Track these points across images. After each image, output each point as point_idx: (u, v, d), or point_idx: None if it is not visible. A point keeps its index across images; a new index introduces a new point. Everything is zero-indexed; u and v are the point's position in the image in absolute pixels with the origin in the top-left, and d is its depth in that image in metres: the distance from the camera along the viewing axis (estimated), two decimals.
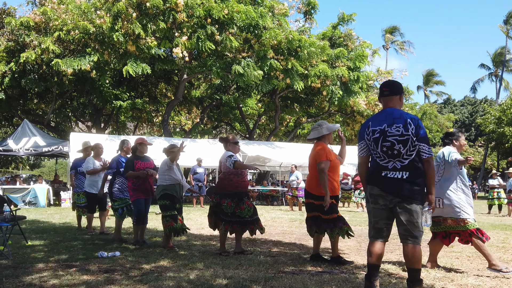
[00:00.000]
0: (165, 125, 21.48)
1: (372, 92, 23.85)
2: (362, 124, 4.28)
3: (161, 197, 6.77)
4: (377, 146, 4.04)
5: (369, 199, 4.17)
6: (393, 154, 3.97)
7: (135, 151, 7.32)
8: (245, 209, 6.11)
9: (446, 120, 33.90)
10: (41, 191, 16.54)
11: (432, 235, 5.65)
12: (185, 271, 5.08)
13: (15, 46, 18.46)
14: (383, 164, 4.03)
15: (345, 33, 21.97)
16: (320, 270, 5.22)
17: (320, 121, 6.04)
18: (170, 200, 6.73)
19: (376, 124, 4.10)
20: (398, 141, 3.94)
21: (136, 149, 7.30)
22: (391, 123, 4.00)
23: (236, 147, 6.42)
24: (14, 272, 5.01)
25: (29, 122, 18.92)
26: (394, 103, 4.15)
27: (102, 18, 16.25)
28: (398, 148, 3.94)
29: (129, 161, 7.21)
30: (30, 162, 42.11)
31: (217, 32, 16.28)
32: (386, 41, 53.95)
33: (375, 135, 4.07)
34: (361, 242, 7.71)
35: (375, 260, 4.05)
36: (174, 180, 6.79)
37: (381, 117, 4.11)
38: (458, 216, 5.24)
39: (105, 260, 5.72)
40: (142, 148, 7.30)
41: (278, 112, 24.14)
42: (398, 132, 3.95)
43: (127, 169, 7.14)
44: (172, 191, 6.75)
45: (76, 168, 9.28)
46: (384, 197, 4.01)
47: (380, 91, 4.23)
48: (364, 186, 4.28)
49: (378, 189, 4.04)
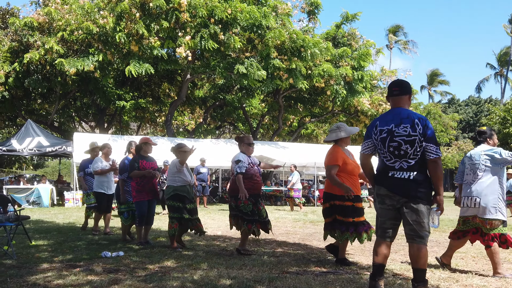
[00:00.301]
0: (168, 125, 21.48)
1: (376, 92, 23.78)
2: (370, 123, 4.27)
3: (171, 197, 6.72)
4: (384, 146, 4.03)
5: (376, 198, 4.16)
6: (400, 154, 3.96)
7: (139, 151, 7.25)
8: (262, 210, 6.17)
9: (451, 120, 33.76)
10: (44, 191, 16.57)
11: (459, 234, 5.51)
12: (189, 271, 5.07)
13: (19, 46, 18.52)
14: (390, 164, 4.02)
15: (348, 32, 21.91)
16: (325, 271, 5.20)
17: (339, 123, 5.96)
18: (181, 202, 6.66)
19: (383, 124, 4.08)
20: (405, 141, 3.93)
21: (141, 149, 7.22)
22: (399, 123, 3.99)
23: (249, 148, 6.36)
24: (18, 272, 5.02)
25: (33, 122, 18.96)
26: (403, 103, 4.13)
27: (105, 18, 16.27)
28: (405, 148, 3.93)
29: (134, 160, 7.13)
30: (34, 162, 42.22)
31: (220, 32, 16.28)
32: (390, 41, 53.77)
33: (382, 135, 4.05)
34: (365, 243, 7.65)
35: (380, 260, 4.04)
36: (184, 182, 6.73)
37: (388, 117, 4.10)
38: (493, 217, 5.11)
39: (109, 260, 5.71)
40: (147, 147, 7.22)
41: (282, 112, 24.10)
42: (405, 132, 3.93)
43: (132, 168, 7.06)
44: (183, 192, 6.69)
45: (84, 169, 9.13)
46: (391, 197, 4.00)
47: (389, 91, 4.21)
48: (372, 184, 4.29)
49: (385, 189, 4.04)
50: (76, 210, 14.18)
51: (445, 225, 10.57)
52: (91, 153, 9.09)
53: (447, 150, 40.25)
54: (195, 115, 28.42)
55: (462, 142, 44.90)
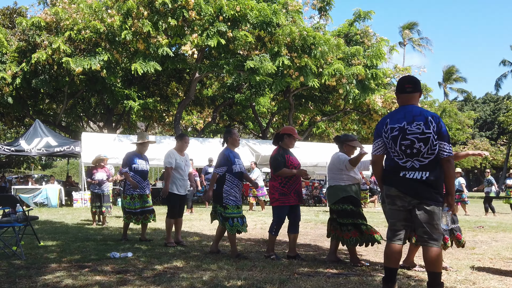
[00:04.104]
0: (177, 124, 21.45)
1: (389, 90, 23.54)
2: (379, 121, 4.15)
3: (341, 200, 5.63)
4: (396, 144, 3.92)
5: (385, 200, 4.05)
6: (412, 153, 3.85)
7: (278, 140, 6.12)
8: None
9: (467, 118, 33.25)
10: (52, 191, 16.59)
11: None
12: (198, 272, 5.00)
13: (26, 46, 18.52)
14: (401, 163, 3.91)
15: (361, 29, 21.68)
16: (336, 272, 5.10)
17: None
18: (353, 205, 5.59)
19: (394, 121, 3.97)
20: (419, 139, 3.82)
21: (282, 141, 6.08)
22: (411, 120, 3.88)
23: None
24: (28, 272, 4.97)
25: (41, 123, 19.00)
26: (414, 100, 4.02)
27: (113, 17, 16.26)
28: (418, 146, 3.82)
29: (280, 155, 5.91)
30: (42, 162, 42.40)
31: (228, 29, 16.19)
32: (404, 37, 53.06)
33: (393, 133, 3.94)
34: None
35: (393, 263, 3.94)
36: (354, 180, 5.72)
37: (399, 114, 3.98)
38: None
39: (118, 261, 5.65)
40: (291, 141, 6.06)
41: (292, 110, 23.90)
42: (418, 130, 3.83)
43: (279, 165, 5.85)
44: (351, 193, 5.64)
45: (130, 164, 7.49)
46: (402, 198, 3.89)
47: (401, 87, 4.07)
48: (380, 186, 4.18)
49: (396, 189, 3.93)
50: (85, 211, 14.15)
51: (461, 225, 10.38)
52: (138, 146, 7.68)
53: (463, 149, 39.48)
54: (204, 114, 28.37)
55: (479, 140, 43.96)
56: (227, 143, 6.30)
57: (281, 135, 6.07)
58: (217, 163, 6.17)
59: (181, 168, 7.10)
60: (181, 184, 7.09)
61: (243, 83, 21.87)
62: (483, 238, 8.19)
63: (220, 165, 6.07)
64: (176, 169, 7.04)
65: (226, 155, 6.09)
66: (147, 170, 7.68)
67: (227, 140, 6.29)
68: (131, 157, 7.54)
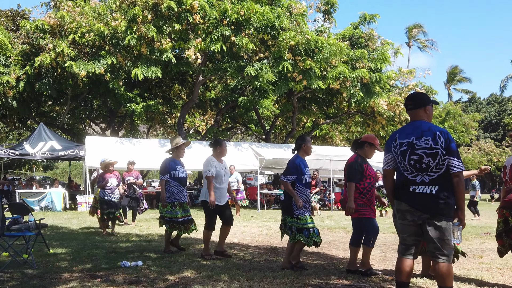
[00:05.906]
0: (180, 127, 21.47)
1: (393, 92, 23.49)
2: (390, 136, 4.22)
3: None
4: (405, 159, 3.97)
5: (396, 214, 4.08)
6: (422, 168, 3.89)
7: (358, 147, 5.83)
8: None
9: (471, 120, 33.06)
10: (57, 195, 16.62)
11: None
12: (210, 283, 5.01)
13: (30, 49, 18.54)
14: (411, 178, 3.96)
15: (366, 32, 21.65)
16: (347, 283, 5.11)
17: None
18: None
19: (403, 136, 4.03)
20: (427, 154, 3.86)
21: (362, 149, 5.81)
22: (419, 135, 3.94)
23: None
24: (41, 282, 5.01)
25: (45, 126, 19.02)
26: (420, 116, 4.08)
27: (117, 20, 16.29)
28: (427, 161, 3.86)
29: (358, 164, 5.63)
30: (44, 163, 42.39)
31: (232, 33, 16.23)
32: (410, 38, 52.83)
33: (402, 148, 4.00)
34: (386, 252, 7.57)
35: (404, 278, 3.98)
36: None
37: (408, 129, 4.05)
38: None
39: (129, 270, 5.67)
40: (372, 151, 5.79)
41: (296, 113, 23.86)
42: (426, 145, 3.88)
43: (356, 174, 5.59)
44: None
45: (170, 171, 7.06)
46: (412, 213, 3.93)
47: (405, 105, 4.21)
48: (391, 200, 4.22)
49: (406, 204, 3.97)
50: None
51: (467, 232, 10.43)
52: (174, 152, 7.29)
53: (468, 151, 39.07)
54: (206, 116, 28.38)
55: (484, 142, 43.76)
56: (298, 151, 5.95)
57: (361, 142, 5.81)
58: (286, 171, 5.88)
59: (221, 176, 6.73)
60: (220, 193, 6.69)
61: (246, 86, 21.88)
62: (491, 246, 8.19)
63: (289, 173, 5.81)
64: (216, 178, 6.64)
65: (297, 164, 5.80)
66: (186, 177, 7.34)
67: (301, 148, 5.93)
68: (170, 163, 7.11)
